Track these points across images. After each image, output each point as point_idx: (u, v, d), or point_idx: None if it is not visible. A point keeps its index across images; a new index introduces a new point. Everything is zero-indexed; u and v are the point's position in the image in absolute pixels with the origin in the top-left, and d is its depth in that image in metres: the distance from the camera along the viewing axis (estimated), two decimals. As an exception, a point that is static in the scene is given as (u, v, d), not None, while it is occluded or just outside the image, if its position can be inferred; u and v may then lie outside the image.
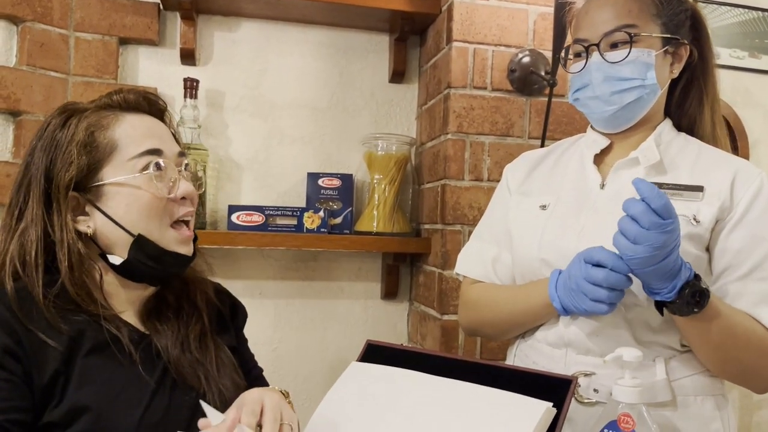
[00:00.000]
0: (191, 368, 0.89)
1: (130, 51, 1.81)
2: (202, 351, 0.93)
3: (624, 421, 0.80)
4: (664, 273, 0.89)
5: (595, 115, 1.07)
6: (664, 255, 0.87)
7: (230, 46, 1.88)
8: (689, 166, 1.04)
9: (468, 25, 1.65)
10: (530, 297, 1.06)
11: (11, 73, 1.59)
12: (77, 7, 1.73)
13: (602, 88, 1.03)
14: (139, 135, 0.89)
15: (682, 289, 0.90)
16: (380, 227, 1.82)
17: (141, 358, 0.85)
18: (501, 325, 1.13)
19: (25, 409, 0.76)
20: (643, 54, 1.02)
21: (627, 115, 1.05)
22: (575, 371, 1.00)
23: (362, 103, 1.96)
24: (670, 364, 1.00)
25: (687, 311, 0.91)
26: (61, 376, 0.79)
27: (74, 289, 0.84)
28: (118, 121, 0.89)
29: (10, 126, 1.61)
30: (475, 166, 1.67)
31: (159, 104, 0.96)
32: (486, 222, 1.23)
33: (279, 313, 1.90)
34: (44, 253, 0.85)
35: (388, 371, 0.89)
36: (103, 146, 0.87)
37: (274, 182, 1.90)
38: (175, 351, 0.89)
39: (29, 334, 0.79)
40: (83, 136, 0.87)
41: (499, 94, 1.68)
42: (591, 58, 1.04)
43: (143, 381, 0.84)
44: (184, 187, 0.90)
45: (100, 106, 0.91)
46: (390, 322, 1.97)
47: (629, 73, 1.02)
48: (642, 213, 0.85)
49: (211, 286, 1.04)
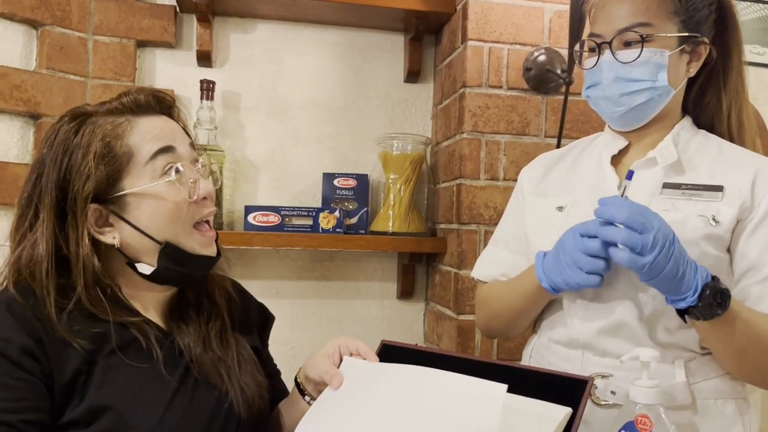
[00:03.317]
0: (213, 366, 0.89)
1: (148, 53, 1.83)
2: (223, 348, 0.93)
3: (641, 422, 0.79)
4: (670, 278, 0.88)
5: (605, 114, 1.06)
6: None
7: (246, 48, 1.89)
8: (709, 164, 1.02)
9: (483, 24, 1.65)
10: (523, 283, 1.06)
11: (31, 76, 1.61)
12: (95, 10, 1.75)
13: (612, 88, 1.01)
14: (151, 137, 0.88)
15: (703, 291, 0.89)
16: (396, 227, 1.82)
17: (164, 357, 0.85)
18: (505, 316, 1.13)
19: (42, 409, 0.77)
20: (656, 55, 0.99)
21: (637, 116, 1.04)
22: (592, 373, 0.99)
23: (377, 103, 1.96)
24: (690, 367, 0.98)
25: (710, 314, 0.89)
26: (82, 376, 0.79)
27: (90, 303, 0.83)
28: (132, 127, 0.87)
29: (30, 129, 1.64)
30: (491, 166, 1.66)
31: (167, 101, 0.94)
32: (501, 227, 1.23)
33: (296, 313, 1.90)
34: (56, 266, 0.83)
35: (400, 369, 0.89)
36: (121, 155, 0.85)
37: (290, 182, 1.91)
38: (197, 349, 0.89)
39: (51, 334, 0.79)
40: (100, 147, 0.84)
41: (515, 92, 1.67)
42: (603, 56, 1.02)
43: (165, 380, 0.84)
44: (204, 187, 0.89)
45: (112, 111, 0.89)
46: (406, 322, 1.97)
47: (639, 75, 1.00)
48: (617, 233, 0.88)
49: (229, 282, 1.03)
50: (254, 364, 0.98)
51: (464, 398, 0.78)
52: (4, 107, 1.56)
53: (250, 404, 0.90)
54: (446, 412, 0.78)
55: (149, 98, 0.91)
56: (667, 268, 0.88)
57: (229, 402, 0.88)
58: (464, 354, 1.55)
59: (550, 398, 0.79)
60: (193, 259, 0.89)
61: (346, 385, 0.88)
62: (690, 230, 0.96)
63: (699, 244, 0.95)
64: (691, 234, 0.95)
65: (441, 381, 0.82)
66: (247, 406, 0.90)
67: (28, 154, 1.63)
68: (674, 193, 1.00)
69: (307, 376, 0.95)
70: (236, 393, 0.89)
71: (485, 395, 0.77)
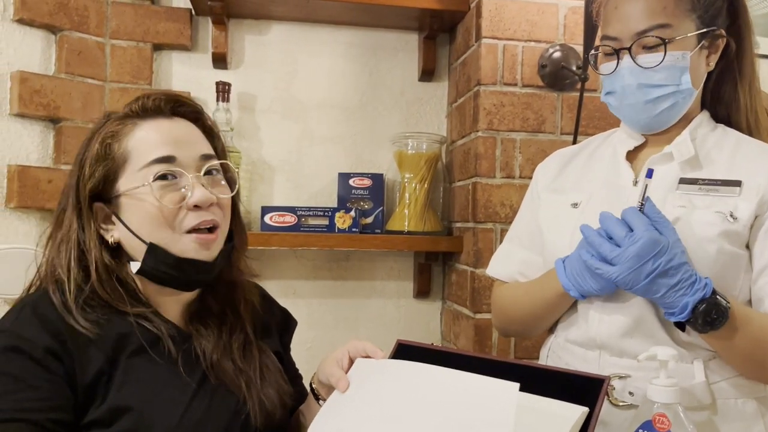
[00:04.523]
0: (232, 375, 0.90)
1: (164, 56, 1.85)
2: (246, 360, 0.93)
3: (659, 422, 0.78)
4: (649, 294, 0.90)
5: (628, 121, 1.05)
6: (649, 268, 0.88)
7: (261, 49, 1.90)
8: (726, 159, 1.01)
9: (497, 22, 1.64)
10: (544, 290, 1.05)
11: (50, 81, 1.64)
12: (112, 15, 1.77)
13: (636, 96, 0.99)
14: (152, 143, 0.87)
15: (696, 308, 0.88)
16: (411, 226, 1.82)
17: (182, 359, 0.86)
18: (525, 321, 1.13)
19: (67, 409, 0.78)
20: (678, 57, 0.97)
21: (662, 121, 1.02)
22: (610, 374, 0.97)
23: (392, 102, 1.96)
24: (709, 366, 0.97)
25: (702, 329, 0.90)
26: (104, 376, 0.80)
27: (105, 293, 0.86)
28: (133, 130, 0.88)
29: (50, 133, 1.66)
30: (507, 164, 1.65)
31: (187, 106, 0.93)
32: (516, 225, 1.22)
33: (312, 312, 1.91)
34: (79, 261, 0.87)
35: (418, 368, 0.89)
36: (118, 157, 0.87)
37: (306, 183, 1.92)
38: (215, 356, 0.89)
39: (75, 335, 0.80)
40: (99, 148, 0.88)
41: (530, 90, 1.66)
42: (622, 61, 0.99)
43: (184, 381, 0.85)
44: (197, 196, 0.86)
45: (121, 115, 0.91)
46: (423, 321, 1.97)
47: (663, 79, 0.97)
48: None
49: (256, 292, 1.03)
50: (279, 373, 0.97)
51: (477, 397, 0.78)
52: (24, 112, 1.58)
53: (269, 415, 0.90)
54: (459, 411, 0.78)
55: (158, 102, 0.91)
56: (641, 284, 0.89)
57: (247, 412, 0.88)
58: (481, 353, 1.55)
59: (566, 398, 0.79)
60: (184, 262, 0.87)
61: (357, 386, 0.88)
62: (707, 226, 0.94)
63: (716, 241, 0.94)
64: (708, 231, 0.94)
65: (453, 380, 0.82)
66: (265, 417, 0.90)
67: (49, 157, 1.65)
68: (691, 188, 0.99)
69: (320, 381, 0.96)
70: (254, 404, 0.89)
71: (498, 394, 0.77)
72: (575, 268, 0.97)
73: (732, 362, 0.96)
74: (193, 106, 0.94)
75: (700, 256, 0.92)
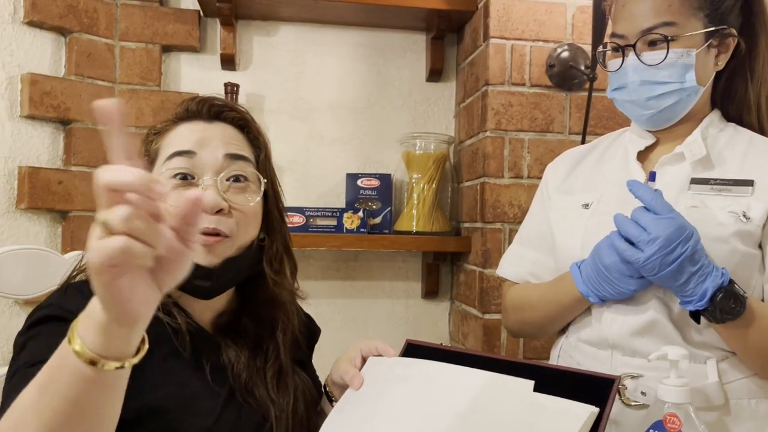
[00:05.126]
0: (266, 404, 0.88)
1: (173, 58, 1.86)
2: (280, 392, 0.90)
3: (670, 422, 0.78)
4: (672, 281, 0.89)
5: (633, 117, 1.05)
6: (676, 254, 0.87)
7: (269, 50, 1.91)
8: (738, 159, 1.00)
9: (505, 21, 1.64)
10: (559, 294, 1.05)
11: (60, 83, 1.65)
12: (121, 17, 1.78)
13: (638, 92, 0.99)
14: (178, 140, 0.87)
15: (714, 297, 0.88)
16: (420, 226, 1.82)
17: (210, 368, 0.85)
18: (540, 323, 1.12)
19: None
20: (682, 55, 0.97)
21: (666, 117, 1.02)
22: (622, 374, 0.97)
23: (400, 103, 1.97)
24: (722, 367, 0.96)
25: (721, 319, 0.89)
26: (138, 371, 0.79)
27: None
28: (169, 131, 0.89)
29: (60, 134, 1.67)
30: (515, 164, 1.65)
31: (231, 111, 0.91)
32: (526, 225, 1.21)
33: (321, 312, 1.91)
34: None
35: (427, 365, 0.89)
36: (151, 154, 0.88)
37: (314, 183, 1.92)
38: (244, 376, 0.87)
39: None
40: (142, 145, 0.89)
41: (538, 89, 1.66)
42: (627, 58, 1.00)
43: (215, 391, 0.84)
44: (205, 199, 0.82)
45: (169, 118, 0.90)
46: (431, 322, 1.97)
47: (666, 77, 0.97)
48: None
49: (296, 317, 0.98)
50: (313, 399, 0.96)
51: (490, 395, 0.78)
52: (35, 113, 1.60)
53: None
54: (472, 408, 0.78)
55: (201, 106, 0.89)
56: (667, 270, 0.88)
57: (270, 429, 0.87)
58: (491, 353, 1.55)
59: (577, 397, 0.79)
60: None
61: (369, 384, 0.88)
62: (719, 227, 0.94)
63: (729, 241, 0.93)
64: (721, 231, 0.93)
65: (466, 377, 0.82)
66: None
67: (59, 159, 1.67)
68: (702, 188, 0.98)
69: (333, 381, 0.95)
70: (280, 428, 0.88)
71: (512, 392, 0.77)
72: (591, 274, 0.97)
73: (746, 358, 0.95)
74: (238, 112, 0.92)
75: (713, 256, 0.92)
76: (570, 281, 1.01)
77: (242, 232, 0.87)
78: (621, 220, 0.92)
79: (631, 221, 0.91)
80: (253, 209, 0.88)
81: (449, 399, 0.80)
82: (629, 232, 0.90)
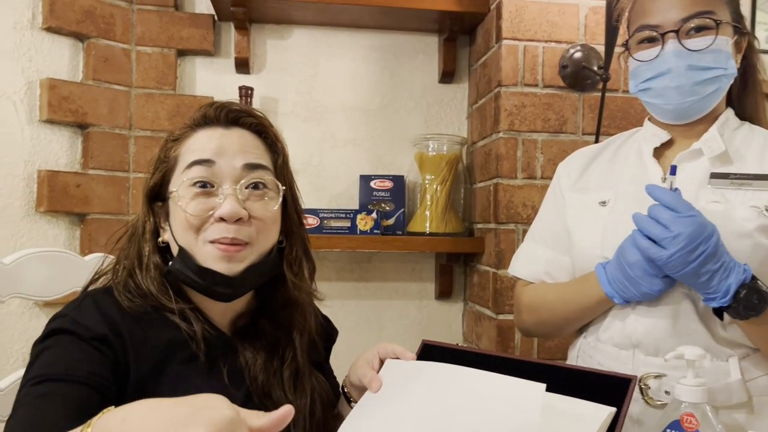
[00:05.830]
0: (278, 403, 0.86)
1: (188, 62, 1.88)
2: (297, 393, 0.91)
3: (687, 421, 0.78)
4: (695, 278, 0.89)
5: (670, 106, 1.02)
6: (700, 252, 0.87)
7: (282, 53, 1.92)
8: (756, 154, 1.00)
9: (517, 23, 1.64)
10: (581, 295, 1.04)
11: (78, 87, 1.67)
12: (137, 22, 1.81)
13: (686, 77, 0.99)
14: (197, 148, 0.87)
15: (737, 293, 0.88)
16: (433, 228, 1.83)
17: (227, 371, 0.86)
18: (558, 324, 1.12)
19: (114, 385, 0.78)
20: (725, 42, 0.98)
21: (702, 106, 1.02)
22: (644, 373, 0.97)
23: (412, 104, 1.97)
24: (745, 364, 0.96)
25: (744, 315, 0.89)
26: (153, 378, 0.81)
27: (148, 288, 0.86)
28: (188, 137, 0.89)
29: (78, 138, 1.70)
30: (528, 164, 1.65)
31: (249, 117, 0.91)
32: (538, 223, 1.21)
33: (334, 314, 1.89)
34: (138, 257, 0.89)
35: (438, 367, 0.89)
36: (170, 161, 0.89)
37: (328, 185, 1.93)
38: (261, 378, 0.88)
39: (133, 332, 0.81)
40: (161, 151, 0.91)
41: (551, 90, 1.66)
42: (667, 46, 0.99)
43: (232, 394, 0.83)
44: (223, 209, 0.83)
45: (188, 124, 0.91)
46: (445, 322, 1.98)
47: (712, 62, 0.98)
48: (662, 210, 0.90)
49: (314, 320, 0.99)
50: (331, 403, 0.96)
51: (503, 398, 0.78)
52: (53, 118, 1.62)
53: None
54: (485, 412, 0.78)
55: (219, 111, 0.90)
56: (690, 267, 0.88)
57: None
58: (506, 354, 1.55)
59: (594, 398, 0.79)
60: (205, 271, 0.85)
61: (387, 387, 0.89)
62: (741, 221, 0.94)
63: (752, 236, 0.93)
64: (743, 225, 0.94)
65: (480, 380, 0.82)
66: None
67: (77, 162, 1.69)
68: (722, 182, 0.98)
69: (351, 383, 0.96)
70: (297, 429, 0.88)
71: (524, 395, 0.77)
72: (616, 274, 0.97)
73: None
74: (256, 118, 0.92)
75: (736, 251, 0.92)
76: (592, 282, 1.01)
77: (262, 239, 0.87)
78: (641, 218, 0.92)
79: (651, 219, 0.91)
80: (273, 216, 0.89)
81: (466, 402, 0.80)
82: (651, 231, 0.90)
